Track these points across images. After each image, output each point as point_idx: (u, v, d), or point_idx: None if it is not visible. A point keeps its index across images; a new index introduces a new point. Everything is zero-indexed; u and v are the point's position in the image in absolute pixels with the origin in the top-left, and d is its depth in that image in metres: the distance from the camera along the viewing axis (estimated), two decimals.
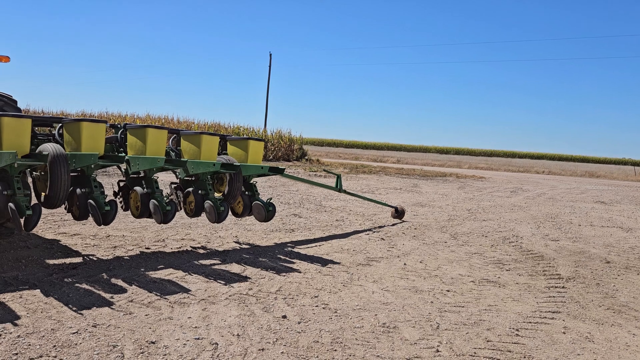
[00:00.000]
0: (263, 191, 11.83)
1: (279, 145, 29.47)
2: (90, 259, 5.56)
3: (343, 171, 22.32)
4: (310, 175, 19.23)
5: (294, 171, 20.31)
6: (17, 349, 3.23)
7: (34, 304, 4.06)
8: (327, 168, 23.69)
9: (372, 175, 21.62)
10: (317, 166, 25.13)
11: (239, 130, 30.17)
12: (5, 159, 4.45)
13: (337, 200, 12.26)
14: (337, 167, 24.65)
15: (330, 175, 19.33)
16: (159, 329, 3.71)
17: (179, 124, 30.47)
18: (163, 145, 5.58)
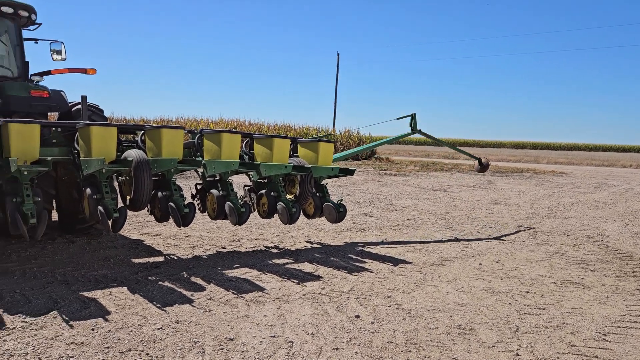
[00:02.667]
0: (333, 191, 11.90)
1: (348, 144, 29.50)
2: (171, 258, 5.84)
3: (413, 169, 22.00)
4: (380, 174, 19.11)
5: (364, 170, 20.28)
6: (109, 343, 3.46)
7: (122, 300, 4.33)
8: (397, 166, 23.45)
9: (444, 172, 21.16)
10: (387, 165, 24.92)
11: (308, 131, 30.52)
12: (94, 165, 4.77)
13: (408, 199, 12.11)
14: (407, 165, 24.34)
15: (401, 174, 19.11)
16: (236, 327, 3.84)
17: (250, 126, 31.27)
18: (237, 149, 5.76)
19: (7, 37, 6.59)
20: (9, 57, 6.62)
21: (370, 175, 18.43)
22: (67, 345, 3.40)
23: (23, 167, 4.59)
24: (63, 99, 6.45)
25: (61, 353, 3.28)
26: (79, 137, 5.16)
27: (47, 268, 5.16)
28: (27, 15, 6.47)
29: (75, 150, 5.27)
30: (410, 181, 16.65)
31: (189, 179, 13.30)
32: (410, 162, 27.83)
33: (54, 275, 4.95)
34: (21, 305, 4.10)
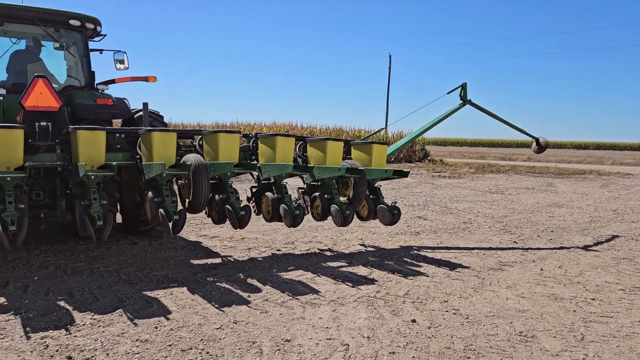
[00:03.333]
0: (386, 194, 11.81)
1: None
2: (228, 259, 5.98)
3: (468, 171, 21.52)
4: (433, 176, 18.82)
5: (417, 172, 20.02)
6: (171, 341, 3.58)
7: (182, 300, 4.46)
8: (452, 168, 23.00)
9: (500, 174, 20.56)
10: (440, 166, 24.51)
11: (360, 134, 30.46)
12: (155, 169, 4.96)
13: (464, 201, 11.85)
14: (462, 167, 23.83)
15: (455, 176, 18.74)
16: (292, 328, 3.88)
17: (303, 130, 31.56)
18: (291, 152, 5.83)
19: (75, 49, 6.96)
20: (77, 67, 6.99)
21: (423, 177, 18.18)
22: (133, 342, 3.54)
23: (90, 172, 4.83)
24: (126, 106, 6.74)
25: (127, 349, 3.42)
26: (141, 142, 5.37)
27: (112, 268, 5.40)
28: (93, 27, 6.81)
29: (138, 155, 5.49)
30: (466, 183, 16.29)
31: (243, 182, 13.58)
32: (464, 164, 27.23)
33: (119, 274, 5.17)
34: (89, 303, 4.31)
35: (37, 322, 3.84)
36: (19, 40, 6.94)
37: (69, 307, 4.19)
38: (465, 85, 8.17)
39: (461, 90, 8.09)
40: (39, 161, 5.20)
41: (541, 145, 8.88)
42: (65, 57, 7.19)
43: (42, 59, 6.94)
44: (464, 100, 8.10)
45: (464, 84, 8.16)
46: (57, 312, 4.06)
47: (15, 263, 5.48)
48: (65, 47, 6.98)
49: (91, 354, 3.34)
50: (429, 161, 28.58)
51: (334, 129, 31.22)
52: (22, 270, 5.22)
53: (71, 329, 3.73)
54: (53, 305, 4.21)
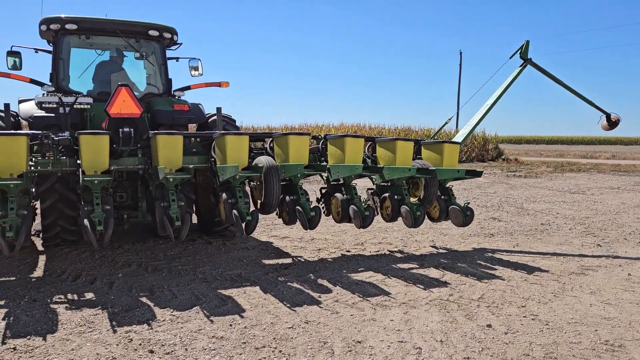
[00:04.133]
0: (458, 194, 11.50)
1: (472, 145, 28.39)
2: (299, 260, 6.05)
3: (546, 170, 20.53)
4: (508, 175, 18.12)
5: (490, 172, 19.36)
6: (245, 339, 3.68)
7: (255, 299, 4.57)
8: (527, 167, 22.05)
9: (582, 173, 19.46)
10: (515, 166, 23.56)
11: (430, 133, 29.88)
12: (229, 171, 5.11)
13: (541, 202, 11.32)
14: (539, 166, 22.78)
15: (531, 176, 17.95)
16: (363, 329, 3.87)
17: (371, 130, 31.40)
18: (360, 153, 5.82)
19: (153, 58, 7.32)
20: (155, 75, 7.35)
21: (497, 177, 17.55)
22: (209, 338, 3.67)
23: (169, 175, 5.05)
24: (201, 111, 7.00)
25: (204, 345, 3.55)
26: (215, 146, 5.56)
27: (189, 266, 5.63)
28: (170, 37, 7.13)
29: (212, 158, 5.68)
30: (543, 183, 15.56)
31: (312, 183, 13.71)
32: (541, 162, 26.02)
33: (195, 273, 5.38)
34: (169, 300, 4.51)
35: (122, 317, 4.07)
36: (103, 52, 7.40)
37: (150, 303, 4.41)
38: (527, 43, 7.61)
39: (522, 49, 7.55)
40: (122, 165, 5.51)
41: (612, 122, 8.21)
42: (145, 66, 7.59)
43: (124, 68, 7.36)
44: (525, 59, 7.56)
45: (526, 42, 7.62)
46: (139, 308, 4.28)
47: (102, 261, 5.84)
48: (145, 57, 7.36)
49: (171, 349, 3.49)
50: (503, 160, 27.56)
51: (402, 129, 30.83)
52: (107, 268, 5.55)
53: (152, 324, 3.92)
54: (136, 301, 4.45)
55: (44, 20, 6.57)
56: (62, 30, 6.62)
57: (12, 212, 4.58)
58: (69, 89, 6.78)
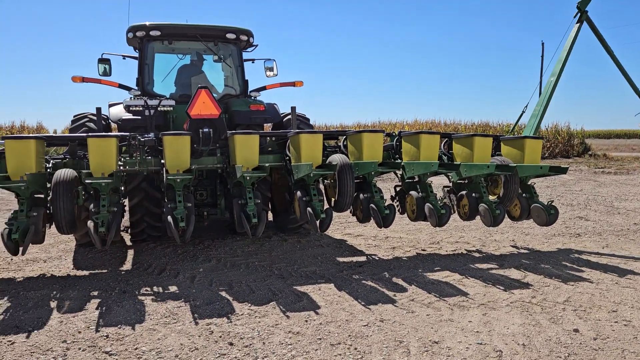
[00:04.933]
0: (541, 192, 10.95)
1: (556, 140, 26.94)
2: (373, 258, 6.02)
3: (639, 166, 19.07)
4: (595, 172, 17.02)
5: (576, 168, 18.28)
6: (321, 335, 3.71)
7: (330, 296, 4.60)
8: (618, 163, 20.60)
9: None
10: (603, 161, 22.08)
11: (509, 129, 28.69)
12: (303, 170, 5.18)
13: (634, 200, 10.54)
14: (631, 162, 21.21)
15: (622, 172, 16.76)
16: (440, 330, 3.78)
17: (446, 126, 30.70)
18: (436, 150, 5.69)
19: (231, 60, 7.56)
20: (233, 77, 7.58)
21: (583, 174, 16.54)
22: (286, 333, 3.74)
23: (246, 173, 5.20)
24: (276, 110, 7.15)
25: (281, 340, 3.62)
26: (290, 144, 5.65)
27: (265, 263, 5.76)
28: (247, 39, 7.34)
29: (287, 157, 5.78)
30: (636, 180, 14.47)
31: (385, 181, 13.59)
32: (634, 158, 24.21)
33: (271, 269, 5.50)
34: (247, 294, 4.64)
35: (203, 310, 4.24)
36: (184, 56, 7.74)
37: (229, 297, 4.56)
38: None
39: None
40: (202, 164, 5.74)
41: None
42: (222, 68, 7.85)
43: (204, 71, 7.66)
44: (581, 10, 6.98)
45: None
46: (219, 302, 4.44)
47: (184, 256, 6.11)
48: (223, 59, 7.62)
49: (249, 342, 3.59)
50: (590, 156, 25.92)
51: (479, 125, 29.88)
52: (189, 263, 5.81)
53: (232, 317, 4.06)
54: (216, 295, 4.61)
55: (131, 28, 6.98)
56: (146, 37, 7.00)
57: (104, 208, 4.89)
58: (153, 93, 7.15)
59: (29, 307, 4.32)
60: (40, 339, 3.65)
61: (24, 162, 4.82)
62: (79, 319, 4.05)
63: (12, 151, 4.80)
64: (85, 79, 6.94)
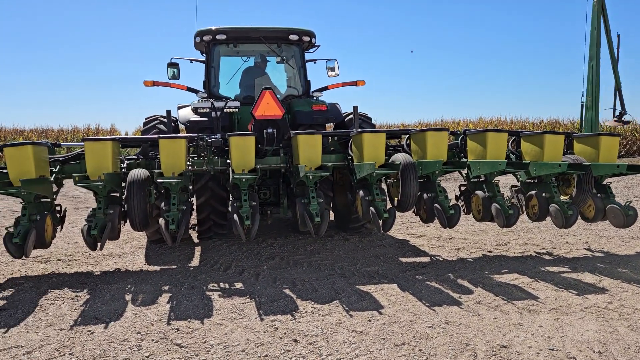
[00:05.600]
0: (617, 192, 10.36)
1: (633, 138, 25.35)
2: (437, 259, 5.92)
3: None
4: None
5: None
6: (384, 335, 3.69)
7: (393, 296, 4.56)
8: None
9: None
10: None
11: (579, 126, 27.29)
12: (366, 169, 5.17)
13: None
14: None
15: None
16: (509, 334, 3.66)
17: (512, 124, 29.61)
18: (503, 149, 5.51)
19: (293, 61, 7.66)
20: (295, 78, 7.68)
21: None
22: (349, 332, 3.74)
23: (309, 172, 5.25)
24: (338, 110, 7.18)
25: (344, 339, 3.63)
26: (352, 144, 5.66)
27: (327, 262, 5.79)
28: (309, 40, 7.41)
29: (349, 156, 5.79)
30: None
31: (449, 180, 13.31)
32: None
33: (333, 268, 5.52)
34: (310, 292, 4.69)
35: (268, 307, 4.32)
36: (248, 58, 7.93)
37: (293, 295, 4.62)
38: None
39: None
40: (266, 164, 5.85)
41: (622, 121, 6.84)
42: (285, 70, 7.97)
43: (267, 72, 7.81)
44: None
45: None
46: (283, 299, 4.51)
47: (249, 253, 6.25)
48: (286, 60, 7.73)
49: (313, 339, 3.62)
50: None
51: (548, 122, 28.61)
52: (254, 260, 5.94)
53: (296, 315, 4.11)
54: (280, 293, 4.69)
55: (198, 33, 7.22)
56: (213, 41, 7.22)
57: (174, 207, 5.09)
58: (219, 95, 7.37)
59: (106, 300, 4.57)
60: (117, 330, 3.85)
61: (102, 162, 5.09)
62: (152, 311, 4.24)
63: (91, 152, 5.09)
64: (156, 82, 7.25)
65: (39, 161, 5.09)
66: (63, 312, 4.27)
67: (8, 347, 3.56)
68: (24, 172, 4.95)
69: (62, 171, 5.53)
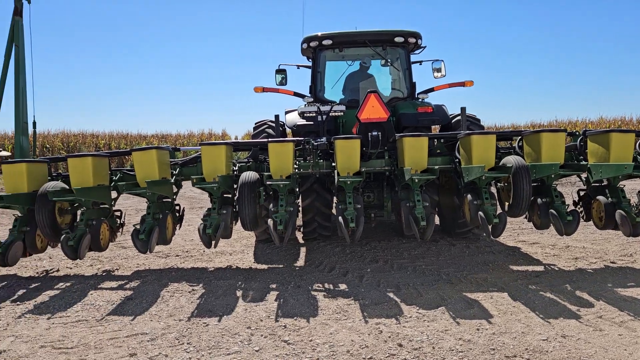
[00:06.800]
0: None
1: None
2: (551, 268, 5.55)
3: None
4: None
5: None
6: (494, 345, 3.53)
7: (503, 305, 4.35)
8: None
9: None
10: None
11: None
12: (475, 172, 4.99)
13: None
14: None
15: None
16: (635, 353, 3.34)
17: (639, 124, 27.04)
18: (630, 150, 5.04)
19: (398, 63, 7.61)
20: (400, 80, 7.63)
21: None
22: (456, 340, 3.63)
23: (415, 175, 5.18)
24: (444, 112, 7.01)
25: (451, 346, 3.53)
26: (459, 146, 5.49)
27: (433, 267, 5.67)
28: (415, 41, 7.32)
29: (457, 159, 5.62)
30: None
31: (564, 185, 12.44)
32: None
33: (439, 274, 5.39)
34: (414, 297, 4.61)
35: (372, 309, 4.32)
36: (353, 62, 8.00)
37: (397, 299, 4.58)
38: None
39: None
40: (370, 167, 5.86)
41: None
42: (390, 72, 7.95)
43: (373, 75, 7.83)
44: None
45: None
46: (387, 302, 4.49)
47: (352, 256, 6.30)
48: (391, 63, 7.70)
49: (418, 345, 3.56)
50: None
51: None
52: (357, 262, 5.97)
53: (400, 319, 4.07)
54: (384, 296, 4.67)
55: (305, 39, 7.43)
56: (319, 46, 7.39)
57: (282, 208, 5.27)
58: (324, 99, 7.52)
59: (219, 295, 4.84)
60: (229, 324, 4.07)
61: (216, 165, 5.41)
62: (261, 308, 4.42)
63: (207, 156, 5.43)
64: (265, 89, 7.57)
65: (162, 164, 5.51)
66: (181, 304, 4.59)
67: (135, 334, 3.90)
68: (149, 174, 5.38)
69: (181, 173, 5.96)
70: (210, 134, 34.18)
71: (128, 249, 7.01)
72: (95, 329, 4.02)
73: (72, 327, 4.09)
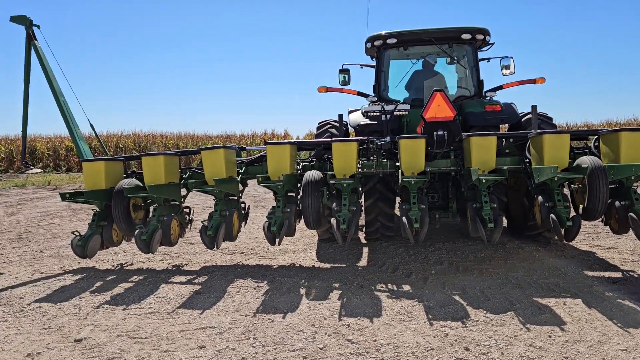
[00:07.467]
0: None
1: None
2: (631, 275, 5.24)
3: None
4: None
5: None
6: (567, 353, 3.38)
7: (577, 312, 4.15)
8: None
9: None
10: None
11: None
12: (546, 173, 4.78)
13: None
14: None
15: None
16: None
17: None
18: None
19: (465, 61, 7.42)
20: (467, 78, 7.43)
21: None
22: (526, 346, 3.50)
23: (482, 176, 5.04)
24: (514, 110, 6.76)
25: (521, 352, 3.40)
26: (530, 145, 5.28)
27: (500, 270, 5.49)
28: (482, 38, 7.11)
29: (527, 159, 5.41)
30: None
31: None
32: None
33: (507, 277, 5.21)
34: (481, 301, 4.49)
35: (437, 312, 4.25)
36: (417, 61, 7.89)
37: (463, 302, 4.47)
38: None
39: None
40: (435, 167, 5.75)
41: None
42: (456, 70, 7.77)
43: (439, 72, 7.68)
44: None
45: None
46: (452, 305, 4.39)
47: (416, 257, 6.21)
48: (457, 60, 7.53)
49: (486, 350, 3.47)
50: None
51: None
52: (421, 264, 5.88)
53: (467, 322, 3.97)
54: (449, 298, 4.58)
55: (369, 39, 7.40)
56: (383, 45, 7.34)
57: (345, 207, 5.28)
58: (388, 98, 7.46)
59: (284, 292, 4.92)
60: (293, 321, 4.12)
61: (281, 164, 5.50)
62: (324, 306, 4.45)
63: (272, 155, 5.53)
64: (329, 88, 7.60)
65: (229, 163, 5.67)
66: (247, 299, 4.71)
67: (203, 327, 4.04)
68: (216, 173, 5.54)
69: (246, 172, 6.10)
70: (273, 134, 34.78)
71: (196, 245, 7.26)
72: (167, 321, 4.19)
73: (145, 318, 4.29)
